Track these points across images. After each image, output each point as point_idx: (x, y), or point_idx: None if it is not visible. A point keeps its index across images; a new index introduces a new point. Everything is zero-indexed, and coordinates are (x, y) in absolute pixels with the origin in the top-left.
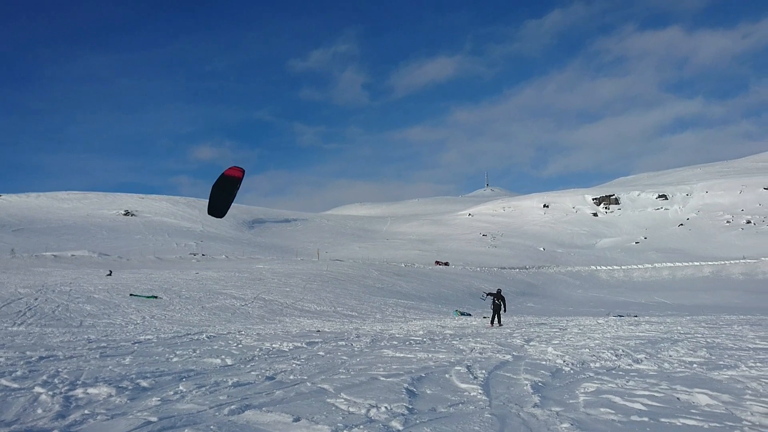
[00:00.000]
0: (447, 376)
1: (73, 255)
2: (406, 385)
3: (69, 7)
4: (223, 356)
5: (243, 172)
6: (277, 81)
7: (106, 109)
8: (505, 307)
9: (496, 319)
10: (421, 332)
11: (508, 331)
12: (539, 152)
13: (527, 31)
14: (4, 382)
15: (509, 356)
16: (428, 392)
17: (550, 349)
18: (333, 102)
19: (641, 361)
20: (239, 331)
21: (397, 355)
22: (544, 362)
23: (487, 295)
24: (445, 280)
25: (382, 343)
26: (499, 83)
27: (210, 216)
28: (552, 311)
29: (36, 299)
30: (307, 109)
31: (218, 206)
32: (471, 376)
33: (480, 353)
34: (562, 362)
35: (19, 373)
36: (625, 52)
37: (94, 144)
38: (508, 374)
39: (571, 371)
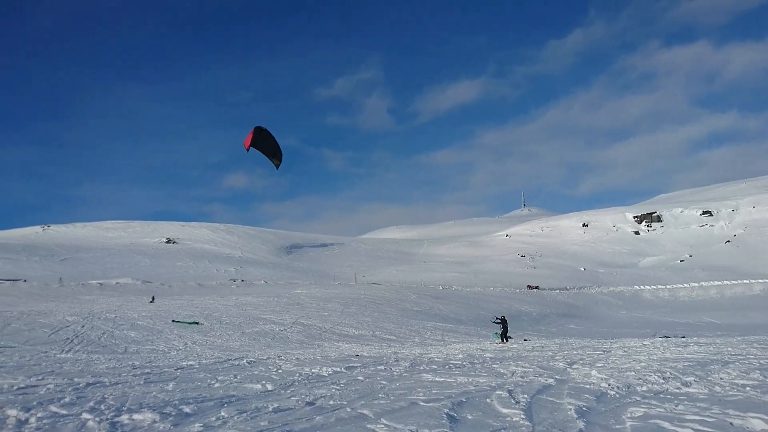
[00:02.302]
0: (488, 400)
1: (117, 283)
2: (446, 410)
3: (105, 41)
4: (263, 381)
5: (251, 132)
6: (303, 109)
7: (144, 139)
8: (506, 328)
9: (505, 338)
10: (460, 356)
11: (550, 353)
12: (570, 171)
13: (549, 51)
14: (53, 408)
15: (552, 380)
16: (469, 417)
17: (594, 372)
18: (359, 127)
19: (690, 384)
20: (279, 356)
21: (437, 379)
22: (588, 386)
23: (498, 320)
24: (484, 303)
25: (422, 368)
26: (524, 104)
27: (277, 168)
28: (595, 333)
29: (83, 326)
30: (334, 135)
31: (275, 154)
32: (513, 401)
33: (521, 377)
34: (607, 386)
35: (67, 400)
36: (652, 69)
37: (134, 174)
38: (551, 398)
39: (617, 395)
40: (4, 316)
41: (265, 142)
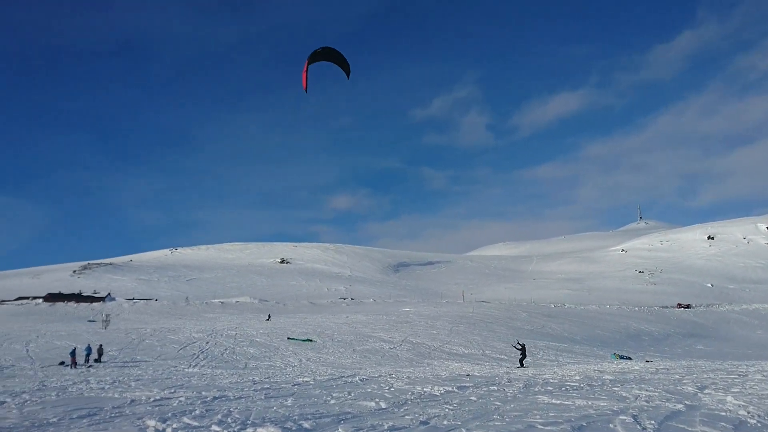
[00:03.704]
0: (611, 425)
1: (237, 301)
2: None
3: (221, 76)
4: (377, 399)
5: (305, 69)
6: (402, 129)
7: (257, 165)
8: (525, 355)
9: (522, 363)
10: (577, 377)
11: (677, 376)
12: (686, 181)
13: (656, 56)
14: (186, 420)
15: (681, 405)
16: None
17: (729, 398)
18: (458, 145)
19: None
20: (390, 374)
21: (554, 401)
22: (723, 413)
23: (519, 345)
24: (600, 321)
25: (536, 389)
26: (630, 113)
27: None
28: (727, 354)
29: (207, 343)
30: (433, 154)
31: (342, 63)
32: (639, 427)
33: (646, 401)
34: (745, 413)
35: (197, 412)
36: None
37: (249, 198)
38: (682, 426)
39: (758, 424)
40: (140, 332)
41: (329, 56)
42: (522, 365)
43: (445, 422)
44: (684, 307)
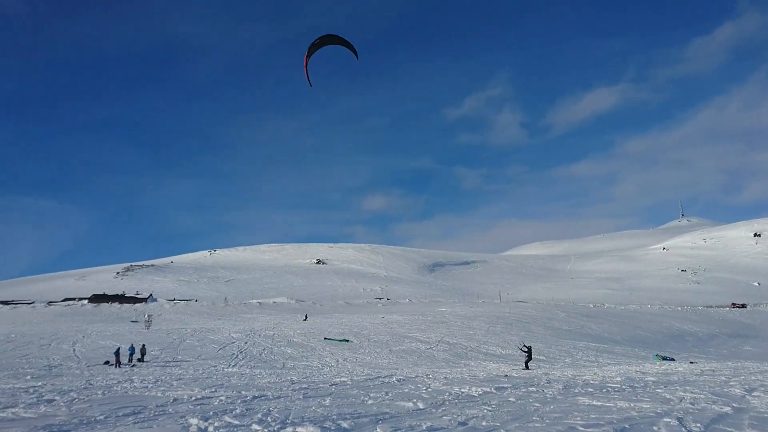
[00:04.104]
0: (655, 428)
1: (274, 302)
2: None
3: (257, 81)
4: (414, 400)
5: (305, 63)
6: (434, 129)
7: (292, 166)
8: (531, 357)
9: (528, 363)
10: (618, 378)
11: (723, 378)
12: (729, 177)
13: (695, 50)
14: (227, 419)
15: (728, 408)
16: None
17: None
18: (491, 144)
19: None
20: (427, 375)
21: (594, 403)
22: None
23: (525, 347)
24: (641, 321)
25: (576, 390)
26: (669, 109)
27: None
28: None
29: (246, 343)
30: (466, 153)
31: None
32: (684, 430)
33: (691, 403)
34: None
35: (238, 411)
36: None
37: (285, 199)
38: (730, 429)
39: None
40: (181, 332)
41: (330, 41)
42: (527, 367)
43: (483, 423)
44: (739, 307)
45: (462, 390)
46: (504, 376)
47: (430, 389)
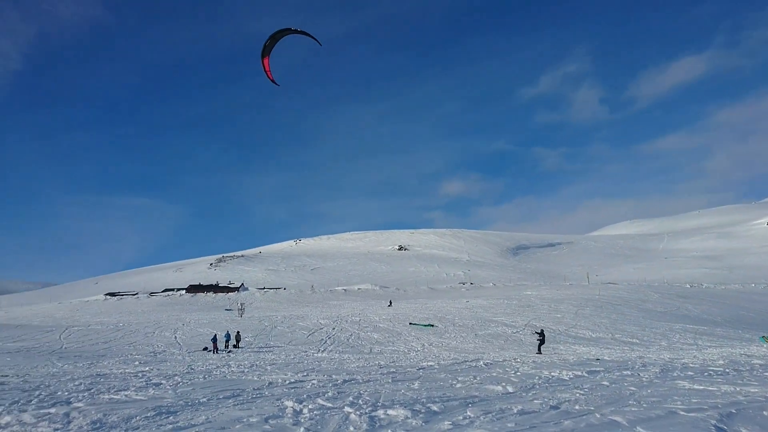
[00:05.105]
0: (765, 413)
1: (359, 288)
2: (713, 422)
3: (330, 71)
4: (503, 383)
5: (266, 63)
6: (509, 110)
7: (370, 156)
8: (544, 341)
9: (540, 348)
10: (721, 362)
11: None
12: None
13: None
14: (320, 401)
15: None
16: (743, 431)
17: None
18: (570, 122)
19: None
20: (515, 359)
21: (695, 387)
22: None
23: (538, 331)
24: (744, 302)
25: (675, 374)
26: (765, 73)
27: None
28: None
29: (333, 329)
30: (544, 132)
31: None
32: None
33: None
34: None
35: (330, 394)
36: None
37: (365, 188)
38: None
39: None
40: (272, 319)
41: (285, 33)
42: (540, 352)
43: (576, 407)
44: None
45: (552, 374)
46: (596, 360)
47: (518, 373)
